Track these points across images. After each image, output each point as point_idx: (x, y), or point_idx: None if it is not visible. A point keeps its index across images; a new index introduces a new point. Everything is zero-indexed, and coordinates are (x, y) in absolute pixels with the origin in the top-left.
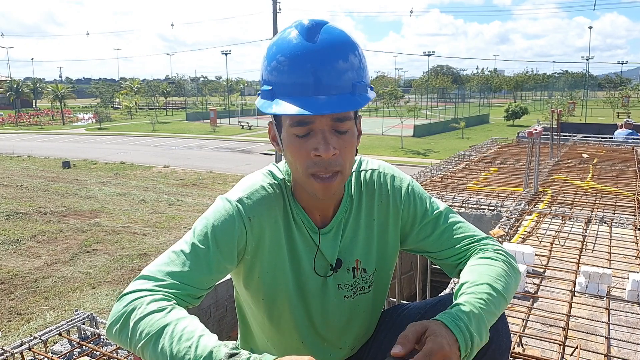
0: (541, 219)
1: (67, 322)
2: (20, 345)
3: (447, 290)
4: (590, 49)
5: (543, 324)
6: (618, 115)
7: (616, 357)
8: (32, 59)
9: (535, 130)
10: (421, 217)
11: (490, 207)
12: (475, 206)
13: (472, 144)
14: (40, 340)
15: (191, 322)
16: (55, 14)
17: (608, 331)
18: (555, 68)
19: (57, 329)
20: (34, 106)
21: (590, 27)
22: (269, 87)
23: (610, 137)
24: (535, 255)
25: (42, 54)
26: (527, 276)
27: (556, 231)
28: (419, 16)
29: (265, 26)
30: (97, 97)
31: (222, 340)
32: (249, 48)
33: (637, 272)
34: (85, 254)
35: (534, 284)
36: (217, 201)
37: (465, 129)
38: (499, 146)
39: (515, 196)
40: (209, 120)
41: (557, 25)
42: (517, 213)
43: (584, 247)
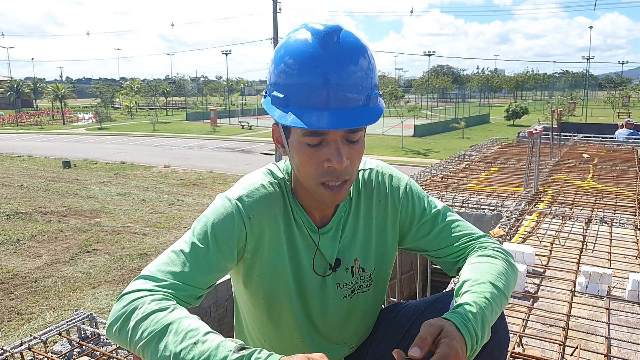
0: (541, 219)
1: (67, 322)
2: (20, 345)
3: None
4: (591, 49)
5: (543, 324)
6: (618, 115)
7: (616, 357)
8: (33, 58)
9: (536, 130)
10: (419, 216)
11: (491, 207)
12: (475, 206)
13: (473, 143)
14: (40, 340)
15: (194, 320)
16: (56, 14)
17: (608, 331)
18: (555, 68)
19: (57, 329)
20: (35, 106)
21: (591, 27)
22: (280, 95)
23: (611, 137)
24: (536, 255)
25: (42, 54)
26: (527, 276)
27: (556, 231)
28: (420, 16)
29: (266, 26)
30: (97, 97)
31: None
32: (249, 48)
33: (638, 272)
34: (85, 253)
35: (534, 284)
36: (216, 199)
37: (466, 129)
38: (499, 146)
39: (515, 196)
40: (209, 120)
41: (558, 25)
42: (517, 213)
43: (584, 247)
